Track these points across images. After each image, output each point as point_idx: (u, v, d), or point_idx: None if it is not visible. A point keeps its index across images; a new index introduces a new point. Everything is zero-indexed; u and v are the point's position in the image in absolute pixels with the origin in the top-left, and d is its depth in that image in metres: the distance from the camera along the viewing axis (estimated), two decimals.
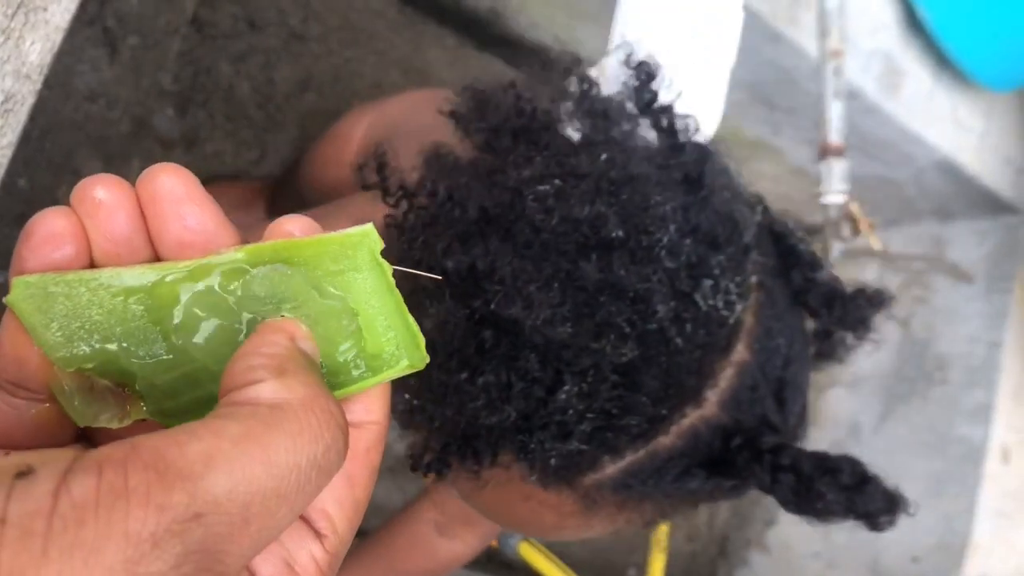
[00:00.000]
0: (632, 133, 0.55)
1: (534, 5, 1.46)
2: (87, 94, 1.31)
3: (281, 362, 0.29)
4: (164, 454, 0.24)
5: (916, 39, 1.38)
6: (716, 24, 1.03)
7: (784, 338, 0.54)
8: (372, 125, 1.03)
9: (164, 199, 0.31)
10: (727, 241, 0.51)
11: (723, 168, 0.55)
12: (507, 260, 0.48)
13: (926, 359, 1.76)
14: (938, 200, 1.70)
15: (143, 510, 0.22)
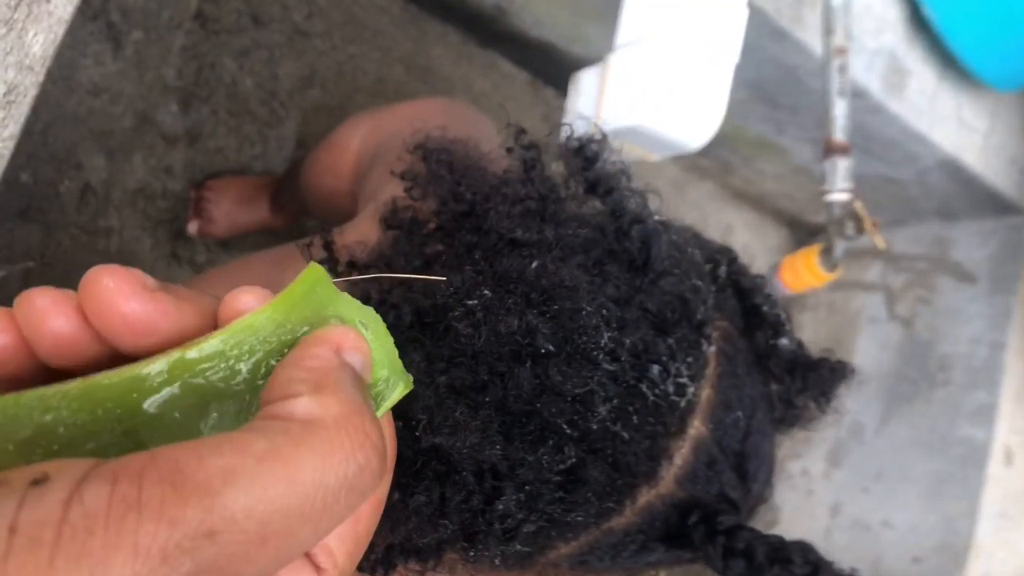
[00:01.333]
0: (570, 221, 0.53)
1: (539, 3, 1.46)
2: (90, 88, 1.31)
3: (320, 376, 0.28)
4: (182, 467, 0.23)
5: (921, 38, 1.38)
6: (720, 21, 1.02)
7: (744, 409, 0.52)
8: (367, 136, 1.03)
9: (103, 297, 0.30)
10: (677, 323, 0.49)
11: (674, 243, 0.53)
12: (431, 384, 0.47)
13: (929, 360, 1.75)
14: (942, 200, 1.70)
15: (154, 524, 0.22)
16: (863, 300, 1.93)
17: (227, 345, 0.30)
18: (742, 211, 2.06)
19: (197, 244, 1.43)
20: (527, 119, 1.72)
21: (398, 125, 1.01)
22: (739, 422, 0.51)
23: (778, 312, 0.56)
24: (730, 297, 0.56)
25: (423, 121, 0.98)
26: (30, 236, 1.27)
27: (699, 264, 0.54)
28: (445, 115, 1.03)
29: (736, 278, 0.57)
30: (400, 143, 0.92)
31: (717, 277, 0.56)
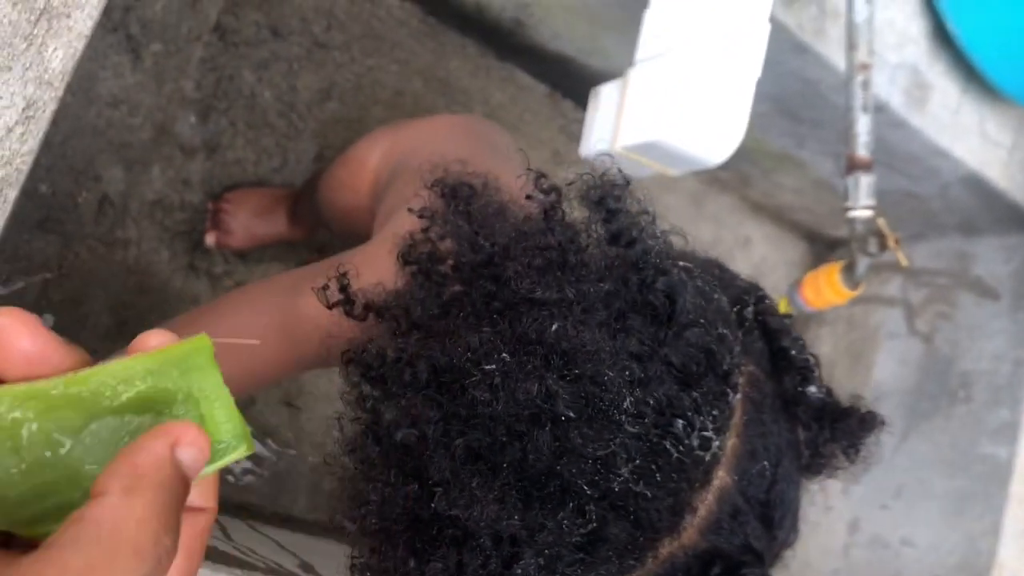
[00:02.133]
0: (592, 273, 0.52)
1: (557, 15, 1.45)
2: (109, 100, 1.32)
3: (137, 475, 0.32)
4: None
5: (944, 52, 1.37)
6: (741, 36, 1.02)
7: (770, 457, 0.50)
8: (386, 154, 1.03)
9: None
10: (702, 375, 0.48)
11: (699, 290, 0.52)
12: (448, 447, 0.46)
13: (949, 376, 1.73)
14: (964, 215, 1.68)
15: None
16: (882, 315, 1.91)
17: (105, 374, 0.35)
18: (761, 224, 2.04)
19: (215, 256, 1.43)
20: (545, 131, 1.72)
21: (416, 142, 1.01)
22: (765, 471, 0.50)
23: (807, 356, 0.54)
24: (757, 339, 0.55)
25: (443, 141, 0.98)
26: (48, 247, 1.28)
27: (725, 311, 0.52)
28: (464, 133, 1.03)
29: (763, 319, 0.55)
30: (418, 163, 0.91)
31: (744, 319, 0.54)
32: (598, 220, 0.54)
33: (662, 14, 1.07)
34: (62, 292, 1.29)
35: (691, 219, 1.94)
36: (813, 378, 0.54)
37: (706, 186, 1.94)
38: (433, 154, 0.93)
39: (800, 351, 0.55)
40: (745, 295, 0.55)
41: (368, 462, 0.51)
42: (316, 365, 0.69)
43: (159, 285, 1.37)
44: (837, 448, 0.55)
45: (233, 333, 0.66)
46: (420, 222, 0.58)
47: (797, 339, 0.56)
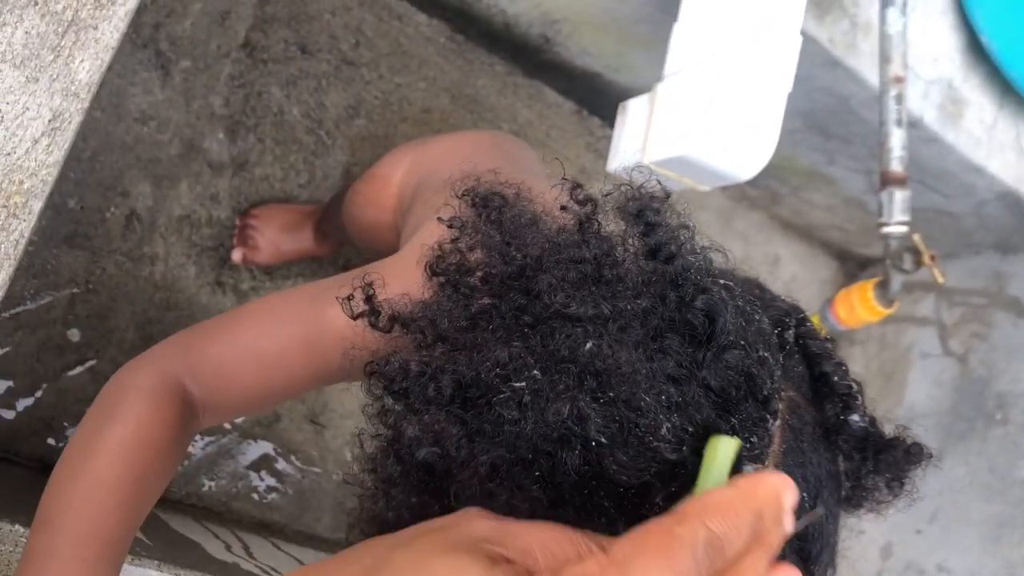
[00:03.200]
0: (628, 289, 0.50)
1: (585, 32, 1.44)
2: (138, 116, 1.32)
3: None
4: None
5: (979, 67, 1.34)
6: (772, 51, 1.00)
7: (809, 488, 0.48)
8: (410, 170, 1.02)
9: None
10: (741, 400, 0.46)
11: (740, 310, 0.50)
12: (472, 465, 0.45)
13: (985, 397, 1.69)
14: (999, 233, 1.65)
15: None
16: (915, 334, 1.87)
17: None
18: (790, 242, 2.02)
19: (241, 272, 1.42)
20: (572, 148, 1.71)
21: (441, 159, 1.00)
22: (803, 502, 0.47)
23: (849, 383, 0.52)
24: (798, 363, 0.52)
25: (467, 156, 0.97)
26: (75, 262, 1.28)
27: (767, 332, 0.50)
28: (488, 148, 1.02)
29: (805, 342, 0.53)
30: (443, 177, 0.90)
31: (785, 342, 0.51)
32: (635, 233, 0.52)
33: (691, 28, 1.06)
34: (88, 307, 1.29)
35: (719, 236, 1.91)
36: (856, 406, 0.52)
37: (735, 203, 1.92)
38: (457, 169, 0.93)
39: (843, 377, 0.52)
40: (786, 317, 0.53)
41: (388, 480, 0.49)
42: (340, 378, 0.68)
43: (185, 301, 1.37)
44: (880, 480, 0.53)
45: (255, 344, 0.65)
46: (449, 232, 0.56)
47: (840, 364, 0.53)
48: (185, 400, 0.64)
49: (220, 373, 0.65)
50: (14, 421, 1.24)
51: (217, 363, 0.65)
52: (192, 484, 1.37)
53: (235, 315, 0.69)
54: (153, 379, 0.63)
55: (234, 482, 1.41)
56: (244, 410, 0.70)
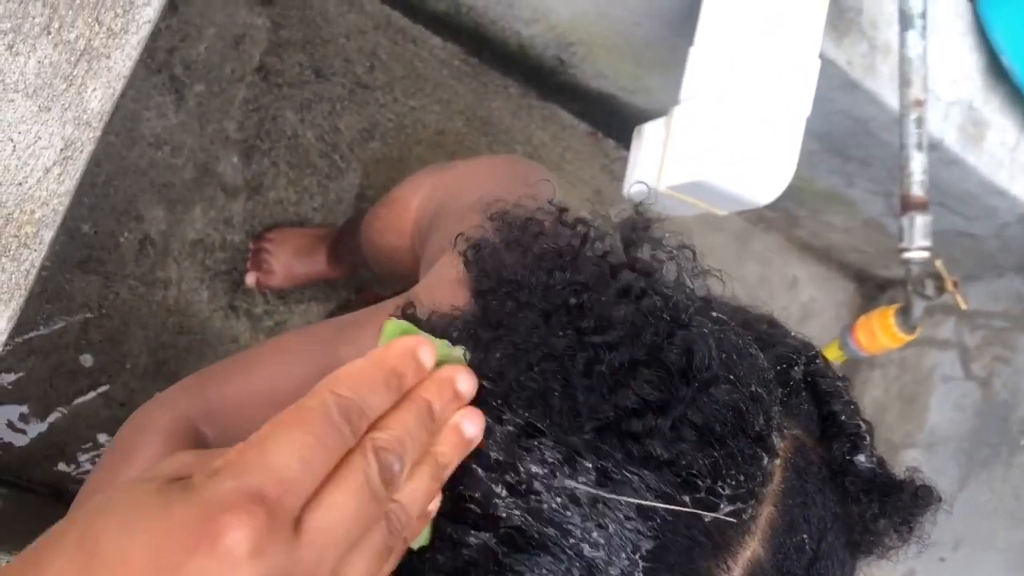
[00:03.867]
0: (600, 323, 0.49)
1: (600, 55, 1.44)
2: (152, 140, 1.32)
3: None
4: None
5: (1000, 88, 1.33)
6: (790, 74, 0.99)
7: (812, 531, 0.46)
8: (429, 195, 1.01)
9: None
10: (728, 435, 0.44)
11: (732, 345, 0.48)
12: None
13: (1009, 422, 1.66)
14: (1022, 255, 1.63)
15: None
16: (936, 358, 1.85)
17: None
18: (808, 264, 2.00)
19: (255, 295, 1.42)
20: (587, 170, 1.70)
21: (460, 185, 0.99)
22: (804, 545, 0.45)
23: (858, 423, 0.50)
24: (805, 401, 0.51)
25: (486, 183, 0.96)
26: (88, 287, 1.27)
27: (763, 368, 0.49)
28: (506, 174, 1.01)
29: (814, 380, 0.52)
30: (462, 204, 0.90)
31: (791, 379, 0.50)
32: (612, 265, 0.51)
33: (708, 52, 1.04)
34: (101, 332, 1.29)
35: (736, 258, 1.90)
36: (864, 446, 0.50)
37: (752, 224, 1.90)
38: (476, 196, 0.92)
39: (851, 417, 0.51)
40: (795, 354, 0.51)
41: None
42: None
43: (198, 325, 1.36)
44: (888, 524, 0.51)
45: (269, 385, 0.65)
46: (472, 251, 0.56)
47: (849, 403, 0.51)
48: (197, 443, 0.63)
49: (234, 414, 0.64)
50: (27, 447, 1.24)
51: (231, 404, 0.64)
52: None
53: (249, 356, 0.68)
54: (167, 422, 0.63)
55: None
56: None
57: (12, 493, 1.20)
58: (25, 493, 1.22)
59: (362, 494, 0.35)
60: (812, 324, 1.99)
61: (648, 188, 1.07)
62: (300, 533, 0.32)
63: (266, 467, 0.33)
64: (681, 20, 1.22)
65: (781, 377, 0.50)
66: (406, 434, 0.37)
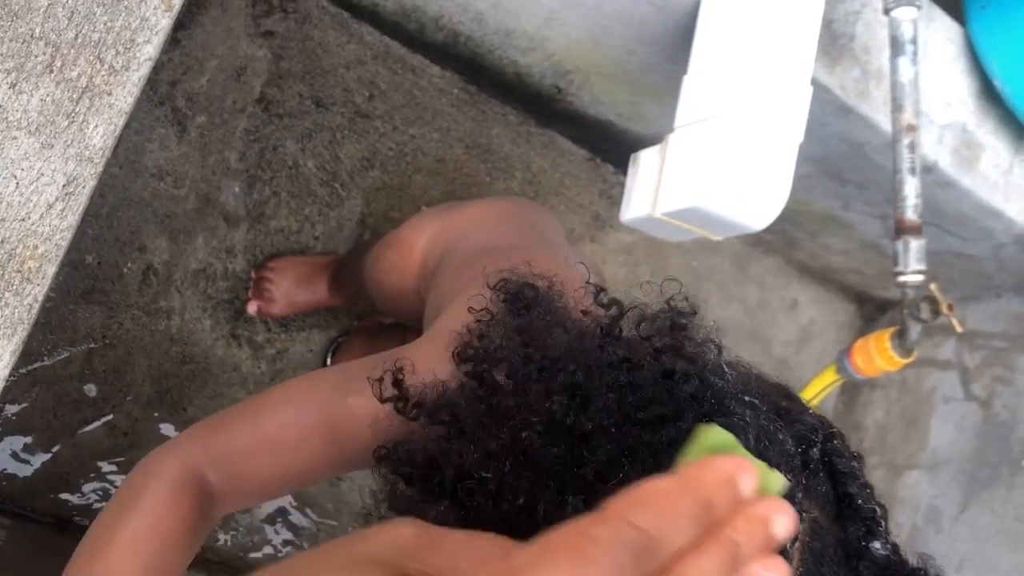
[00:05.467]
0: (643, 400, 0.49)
1: (597, 82, 1.45)
2: (155, 172, 1.34)
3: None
4: None
5: (993, 111, 1.34)
6: (783, 100, 1.00)
7: None
8: (435, 238, 1.02)
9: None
10: None
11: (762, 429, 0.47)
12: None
13: (1010, 443, 1.67)
14: (1020, 276, 1.63)
15: None
16: (937, 378, 1.85)
17: None
18: (807, 286, 2.00)
19: (257, 324, 1.43)
20: (586, 195, 1.71)
21: (465, 227, 1.01)
22: None
23: (873, 507, 0.50)
24: (823, 481, 0.51)
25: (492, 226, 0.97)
26: (92, 317, 1.29)
27: (789, 454, 0.49)
28: (512, 218, 1.03)
29: (831, 459, 0.52)
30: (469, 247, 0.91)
31: (810, 459, 0.50)
32: (655, 348, 0.52)
33: (701, 79, 1.06)
34: (105, 362, 1.30)
35: (735, 281, 1.91)
36: (879, 532, 0.50)
37: (750, 248, 1.91)
38: (482, 240, 0.93)
39: (867, 500, 0.51)
40: (812, 433, 0.52)
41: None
42: (358, 467, 0.67)
43: (201, 354, 1.37)
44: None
45: (276, 433, 0.65)
46: (477, 323, 0.57)
47: (865, 486, 0.52)
48: (204, 490, 0.64)
49: (241, 462, 0.65)
50: (31, 477, 1.24)
51: (238, 453, 0.65)
52: (207, 539, 1.36)
53: (256, 403, 0.69)
54: (174, 469, 0.64)
55: (250, 536, 1.40)
56: (263, 497, 0.70)
57: (15, 524, 1.21)
58: (29, 523, 1.22)
59: None
60: (812, 346, 1.99)
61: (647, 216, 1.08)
62: None
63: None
64: (675, 47, 1.23)
65: (801, 458, 0.50)
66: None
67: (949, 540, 1.69)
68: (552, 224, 1.05)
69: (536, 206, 1.08)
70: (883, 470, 1.86)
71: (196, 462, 0.64)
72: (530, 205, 1.09)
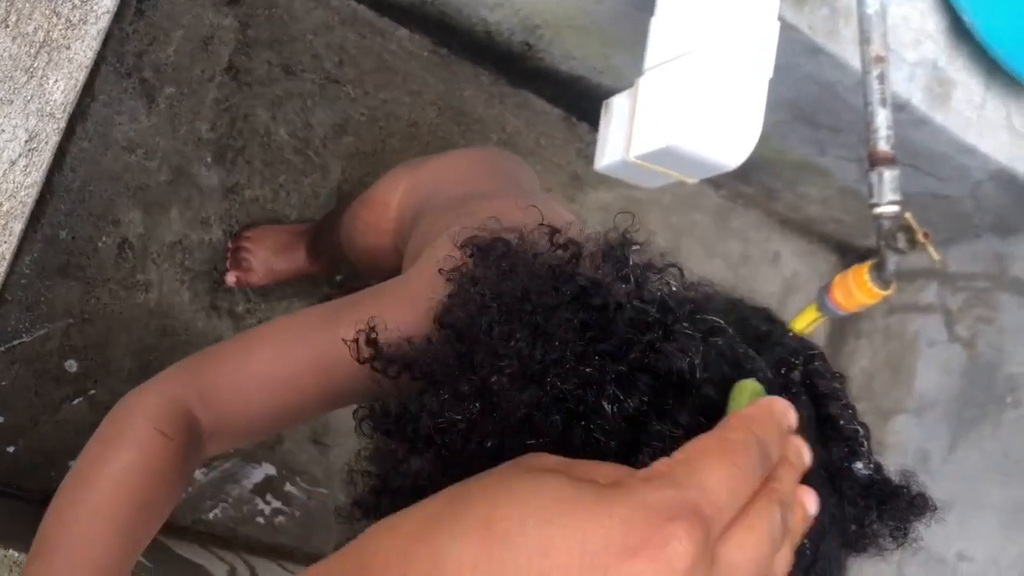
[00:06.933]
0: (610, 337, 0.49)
1: (567, 36, 1.44)
2: (125, 144, 1.32)
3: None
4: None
5: (963, 47, 1.34)
6: (750, 37, 1.00)
7: (810, 535, 0.45)
8: (408, 192, 1.02)
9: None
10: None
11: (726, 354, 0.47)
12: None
13: (995, 381, 1.68)
14: (998, 214, 1.64)
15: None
16: (920, 323, 1.86)
17: None
18: (789, 239, 2.01)
19: (236, 294, 1.42)
20: (563, 155, 1.71)
21: (438, 180, 1.00)
22: (804, 549, 0.45)
23: (856, 427, 0.50)
24: (805, 404, 0.50)
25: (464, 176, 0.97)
26: (69, 293, 1.28)
27: (758, 373, 0.49)
28: (484, 167, 1.02)
29: (812, 382, 0.51)
30: (443, 199, 0.90)
31: (790, 383, 0.50)
32: (610, 278, 0.52)
33: (668, 20, 1.05)
34: (85, 337, 1.29)
35: (717, 236, 1.91)
36: (861, 452, 0.50)
37: (731, 202, 1.91)
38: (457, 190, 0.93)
39: (849, 421, 0.51)
40: (793, 356, 0.51)
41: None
42: (351, 400, 0.66)
43: (181, 327, 1.37)
44: (883, 528, 0.52)
45: (266, 369, 0.64)
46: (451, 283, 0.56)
47: (847, 407, 0.51)
48: (191, 427, 0.62)
49: (230, 398, 0.64)
50: (15, 455, 1.24)
51: (227, 388, 0.64)
52: (197, 511, 1.36)
53: (245, 339, 0.68)
54: (160, 405, 0.62)
55: (240, 506, 1.40)
56: (252, 435, 0.69)
57: (3, 501, 1.20)
58: (15, 501, 1.22)
59: (767, 541, 0.33)
60: (796, 298, 2.00)
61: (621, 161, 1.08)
62: (715, 563, 0.31)
63: (701, 487, 0.32)
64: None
65: (780, 380, 0.50)
66: (790, 491, 0.37)
67: (939, 481, 1.70)
68: (525, 171, 1.04)
69: (508, 154, 1.08)
70: (871, 417, 1.87)
71: (182, 397, 0.62)
72: (502, 153, 1.08)
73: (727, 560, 0.32)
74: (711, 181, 1.90)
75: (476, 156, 1.07)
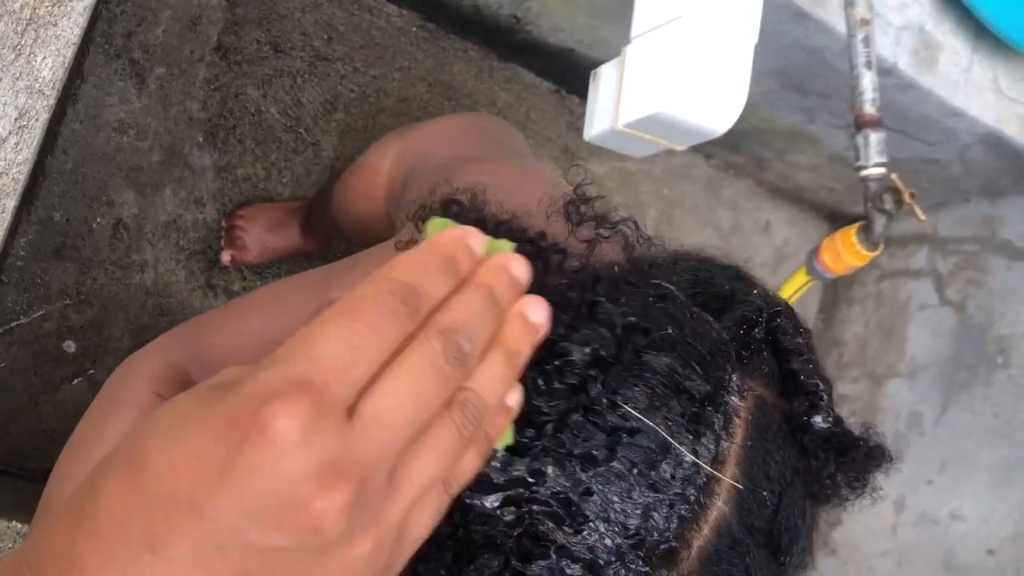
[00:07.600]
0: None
1: (555, 8, 1.45)
2: (117, 126, 1.33)
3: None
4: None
5: (950, 10, 1.34)
6: (737, 2, 1.00)
7: (773, 487, 0.47)
8: (398, 159, 1.02)
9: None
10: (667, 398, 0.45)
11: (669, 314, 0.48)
12: None
13: (985, 343, 1.69)
14: (986, 177, 1.65)
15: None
16: (911, 287, 1.87)
17: None
18: (780, 207, 2.02)
19: (231, 272, 1.43)
20: (553, 128, 1.71)
21: (428, 145, 1.00)
22: (767, 500, 0.47)
23: (816, 381, 0.51)
24: (767, 361, 0.51)
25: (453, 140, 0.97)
26: (65, 274, 1.29)
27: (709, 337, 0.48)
28: (473, 131, 1.03)
29: (776, 337, 0.52)
30: (433, 163, 0.91)
31: (751, 340, 0.50)
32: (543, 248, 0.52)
33: None
34: (82, 318, 1.30)
35: (708, 206, 1.92)
36: (821, 406, 0.51)
37: (721, 172, 1.92)
38: (446, 154, 0.93)
39: (809, 375, 0.51)
40: (756, 314, 0.52)
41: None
42: None
43: (178, 305, 1.38)
44: (843, 479, 0.53)
45: (261, 332, 0.65)
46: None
47: (808, 361, 0.52)
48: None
49: (226, 362, 0.65)
50: (16, 436, 1.25)
51: (223, 352, 0.65)
52: None
53: (241, 304, 0.69)
54: (158, 368, 0.63)
55: None
56: None
57: (7, 482, 1.22)
58: (20, 481, 1.23)
59: (424, 377, 0.32)
60: (788, 266, 2.01)
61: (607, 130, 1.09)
62: (354, 420, 0.30)
63: (311, 356, 0.31)
64: None
65: (742, 339, 0.50)
66: (472, 315, 0.35)
67: (932, 443, 1.72)
68: (515, 136, 1.04)
69: (498, 119, 1.08)
70: (865, 382, 1.89)
71: (179, 362, 0.63)
72: (491, 118, 1.08)
73: (368, 413, 0.31)
74: (702, 151, 1.91)
75: (464, 121, 1.07)
